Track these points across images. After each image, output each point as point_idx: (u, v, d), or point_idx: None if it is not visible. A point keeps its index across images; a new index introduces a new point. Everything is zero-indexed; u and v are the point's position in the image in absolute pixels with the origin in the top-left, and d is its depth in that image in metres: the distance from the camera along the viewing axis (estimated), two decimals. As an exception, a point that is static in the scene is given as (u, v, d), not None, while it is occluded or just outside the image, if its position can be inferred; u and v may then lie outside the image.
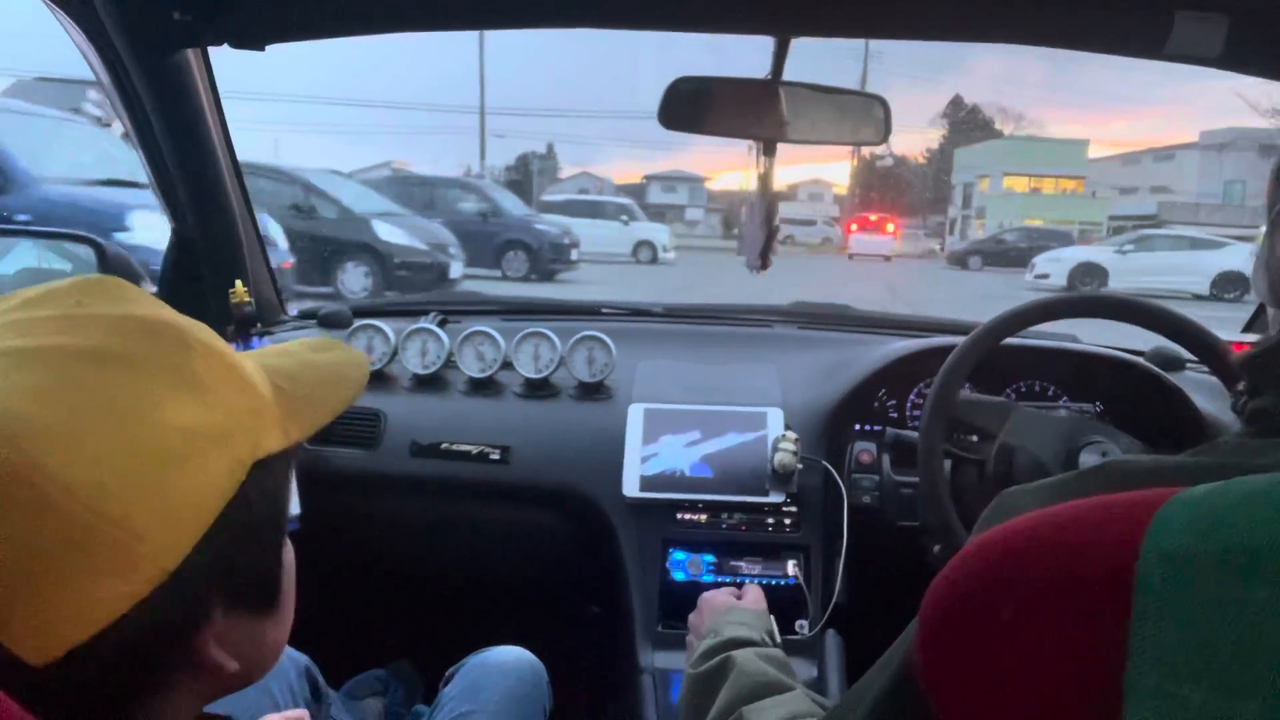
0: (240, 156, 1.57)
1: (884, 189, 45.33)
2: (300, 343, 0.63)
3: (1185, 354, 1.49)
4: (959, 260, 23.07)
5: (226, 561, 0.48)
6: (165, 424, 0.45)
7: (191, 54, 1.34)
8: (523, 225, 12.79)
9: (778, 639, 0.98)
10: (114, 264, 1.54)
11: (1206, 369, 1.48)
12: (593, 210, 18.95)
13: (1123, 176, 42.16)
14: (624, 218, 18.52)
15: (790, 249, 30.87)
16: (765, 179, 1.35)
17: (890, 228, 26.76)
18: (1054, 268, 15.55)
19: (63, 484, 0.41)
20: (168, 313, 0.50)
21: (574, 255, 13.04)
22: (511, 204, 13.63)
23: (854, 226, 26.60)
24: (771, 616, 1.04)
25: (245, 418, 0.49)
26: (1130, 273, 14.66)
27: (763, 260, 1.39)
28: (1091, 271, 15.28)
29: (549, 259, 12.57)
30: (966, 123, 48.83)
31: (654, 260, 17.89)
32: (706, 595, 1.11)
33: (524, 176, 39.78)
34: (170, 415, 0.45)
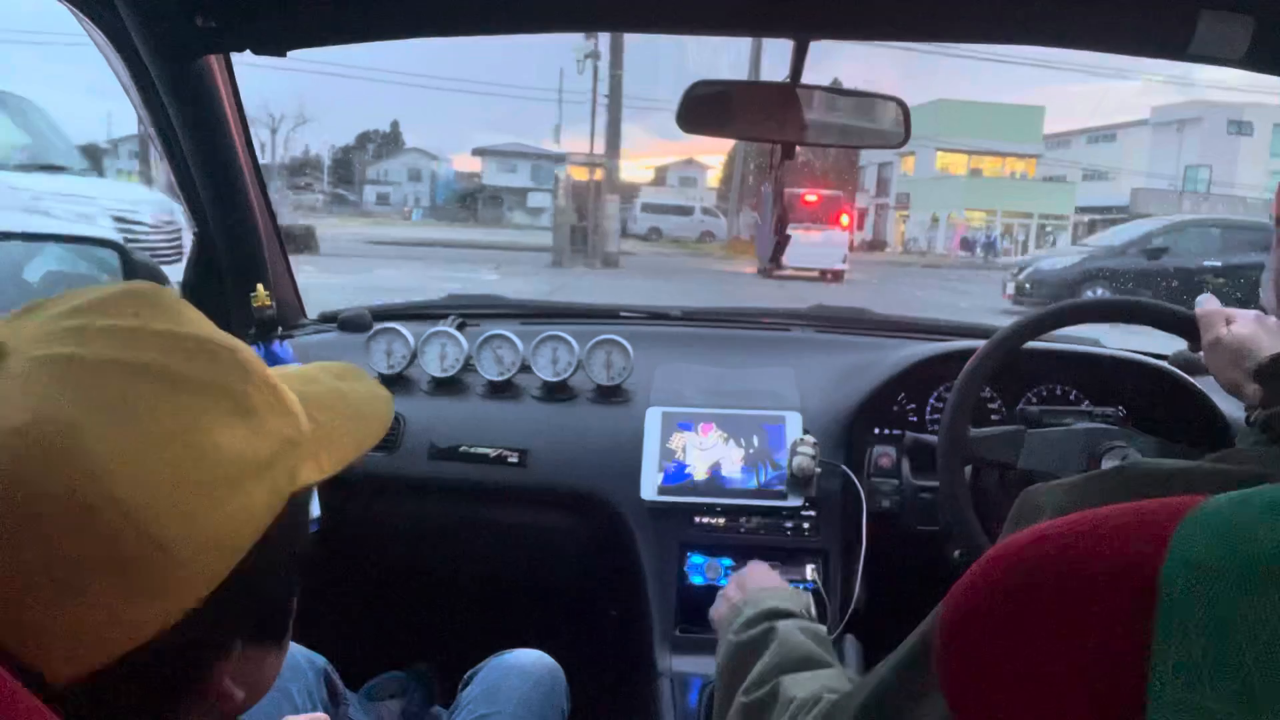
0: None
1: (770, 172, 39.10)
2: (322, 367, 0.61)
3: None
4: (1051, 292, 9.82)
5: (253, 593, 0.47)
6: (217, 450, 0.44)
7: (214, 59, 1.36)
8: None
9: (814, 613, 0.98)
10: (139, 269, 1.56)
11: None
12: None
13: (1049, 160, 35.96)
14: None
15: (660, 248, 24.45)
16: (780, 182, 1.35)
17: (845, 219, 17.01)
18: None
19: (114, 501, 0.40)
20: (221, 334, 0.50)
21: None
22: None
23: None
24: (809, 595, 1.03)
25: (286, 448, 0.49)
26: None
27: (775, 262, 1.39)
28: None
29: None
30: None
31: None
32: (750, 568, 1.11)
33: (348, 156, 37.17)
34: (223, 441, 0.45)
